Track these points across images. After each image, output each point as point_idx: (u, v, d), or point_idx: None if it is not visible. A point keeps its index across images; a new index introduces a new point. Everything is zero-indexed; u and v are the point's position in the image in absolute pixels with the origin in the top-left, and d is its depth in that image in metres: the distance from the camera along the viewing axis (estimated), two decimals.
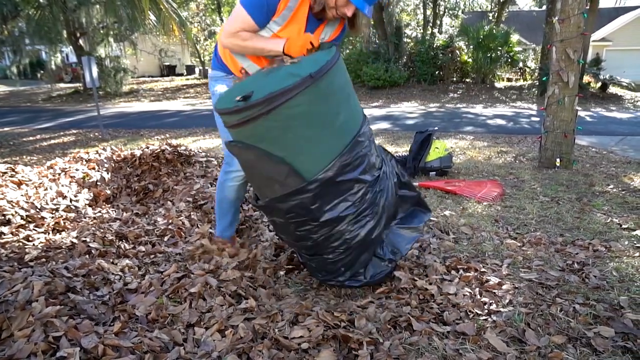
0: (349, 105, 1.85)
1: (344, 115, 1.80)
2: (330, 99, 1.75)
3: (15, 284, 1.79)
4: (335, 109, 1.77)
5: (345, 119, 1.81)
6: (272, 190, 1.84)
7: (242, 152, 1.83)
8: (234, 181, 2.34)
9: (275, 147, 1.73)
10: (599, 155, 5.90)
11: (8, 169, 3.36)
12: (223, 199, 2.41)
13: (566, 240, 2.81)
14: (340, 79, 1.81)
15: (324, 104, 1.72)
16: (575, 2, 4.63)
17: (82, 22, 16.23)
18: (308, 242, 1.94)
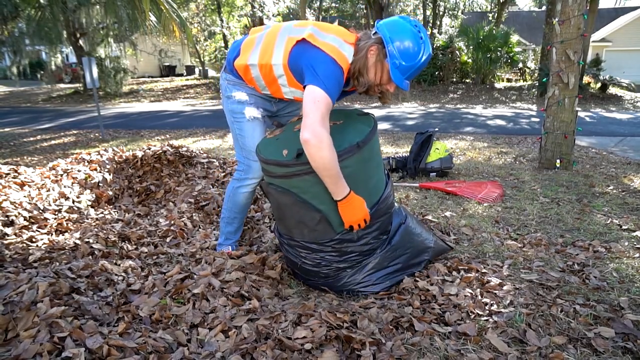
0: (379, 169, 2.11)
1: (376, 178, 2.08)
2: (367, 164, 2.00)
3: (20, 285, 1.80)
4: (371, 172, 2.03)
5: (376, 181, 2.08)
6: (300, 233, 2.06)
7: (279, 195, 1.99)
8: (247, 188, 2.35)
9: (316, 200, 1.94)
10: (599, 156, 5.92)
11: (11, 170, 3.38)
12: (234, 206, 2.41)
13: (566, 241, 2.82)
14: (376, 147, 2.08)
15: (363, 168, 1.97)
16: (576, 3, 4.65)
17: (82, 22, 16.24)
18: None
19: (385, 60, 1.89)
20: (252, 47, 2.08)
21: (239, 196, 2.38)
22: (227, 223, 2.48)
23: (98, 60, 16.36)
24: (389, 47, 1.86)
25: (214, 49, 28.96)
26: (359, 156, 1.92)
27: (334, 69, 1.87)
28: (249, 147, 2.22)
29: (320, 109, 1.78)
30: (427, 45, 1.90)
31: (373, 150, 2.02)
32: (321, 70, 1.85)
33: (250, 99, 2.20)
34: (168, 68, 29.59)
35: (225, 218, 2.48)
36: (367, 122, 2.10)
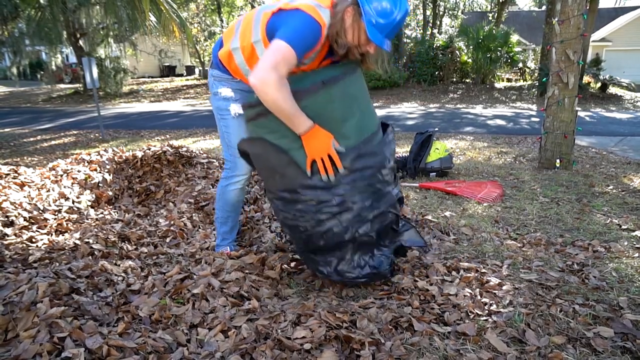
0: (363, 115, 2.02)
1: (353, 122, 1.98)
2: (338, 105, 1.93)
3: (20, 285, 1.80)
4: (344, 114, 1.95)
5: (354, 126, 1.97)
6: (274, 183, 2.04)
7: (251, 145, 2.04)
8: (236, 185, 2.36)
9: (282, 141, 1.94)
10: (599, 156, 5.92)
11: (11, 171, 3.38)
12: (225, 204, 2.42)
13: (566, 241, 2.82)
14: (355, 89, 2.00)
15: (332, 108, 1.92)
16: (575, 3, 4.65)
17: (82, 22, 16.26)
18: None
19: (362, 20, 1.89)
20: (232, 34, 2.10)
21: (229, 194, 2.39)
22: (222, 223, 2.48)
23: (98, 61, 16.38)
24: (364, 7, 1.87)
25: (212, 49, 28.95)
26: (325, 95, 1.89)
27: (309, 23, 1.85)
28: (234, 144, 2.22)
29: (276, 55, 1.77)
30: (402, 2, 1.89)
31: (348, 92, 1.96)
32: (292, 24, 1.85)
33: (235, 95, 2.19)
34: (168, 68, 29.62)
35: (218, 218, 2.49)
36: (343, 66, 2.06)
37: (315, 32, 1.87)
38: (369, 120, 2.05)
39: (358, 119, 1.99)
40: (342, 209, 1.99)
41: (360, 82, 2.06)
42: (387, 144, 2.14)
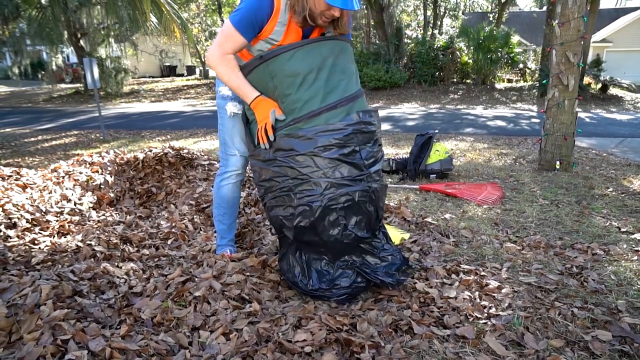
0: (300, 91, 1.96)
1: (293, 98, 1.96)
2: (277, 80, 1.97)
3: (23, 288, 1.82)
4: (282, 91, 1.97)
5: (293, 102, 1.96)
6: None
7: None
8: (229, 180, 2.40)
9: (249, 112, 2.14)
10: (599, 158, 5.93)
11: (13, 172, 3.40)
12: (221, 201, 2.45)
13: (565, 244, 2.84)
14: (296, 67, 1.95)
15: (272, 83, 1.98)
16: (576, 5, 4.66)
17: (83, 22, 16.28)
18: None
19: None
20: None
21: (222, 189, 2.43)
22: (219, 221, 2.51)
23: (99, 61, 16.40)
24: None
25: None
26: (264, 69, 1.98)
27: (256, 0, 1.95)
28: (227, 142, 2.34)
29: (221, 35, 2.00)
30: None
31: (286, 69, 1.95)
32: (241, 5, 1.99)
33: (232, 94, 2.25)
34: (169, 68, 29.64)
35: (216, 216, 2.51)
36: (290, 45, 2.00)
37: (263, 5, 1.94)
38: (312, 100, 1.96)
39: (296, 97, 1.95)
40: (269, 186, 2.07)
41: (311, 57, 1.97)
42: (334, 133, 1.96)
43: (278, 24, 1.97)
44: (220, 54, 1.98)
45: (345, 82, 2.03)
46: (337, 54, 2.02)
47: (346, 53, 2.08)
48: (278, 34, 1.99)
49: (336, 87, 2.00)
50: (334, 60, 2.00)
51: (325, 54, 1.99)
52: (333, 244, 2.03)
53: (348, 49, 2.11)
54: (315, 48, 1.98)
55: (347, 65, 2.07)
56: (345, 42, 2.10)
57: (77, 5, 12.92)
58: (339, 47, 2.04)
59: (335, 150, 1.94)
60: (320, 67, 1.97)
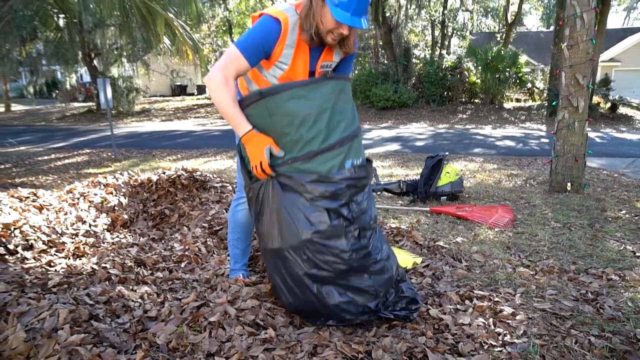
0: (300, 131, 1.94)
1: (288, 139, 1.94)
2: (275, 119, 1.94)
3: (41, 312, 1.84)
4: (282, 129, 1.94)
5: (290, 143, 1.95)
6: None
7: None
8: (244, 205, 2.40)
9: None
10: (611, 179, 5.90)
11: (30, 194, 3.45)
12: (235, 226, 2.46)
13: (579, 269, 2.82)
14: (295, 107, 1.93)
15: (270, 122, 1.95)
16: (584, 28, 4.70)
17: (97, 43, 16.63)
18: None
19: (325, 3, 1.90)
20: None
21: (238, 214, 2.43)
22: (233, 246, 2.52)
23: (111, 80, 16.68)
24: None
25: None
26: (262, 106, 1.94)
27: (263, 23, 1.96)
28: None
29: (225, 58, 1.95)
30: None
31: (285, 107, 1.93)
32: (250, 29, 2.00)
33: None
34: (180, 87, 30.07)
35: (231, 241, 2.52)
36: (291, 83, 2.01)
37: (270, 28, 1.95)
38: (312, 142, 1.95)
39: (297, 138, 1.94)
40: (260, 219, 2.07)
41: (311, 99, 1.96)
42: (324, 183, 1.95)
43: (286, 46, 1.99)
44: (223, 77, 1.92)
45: (345, 123, 2.02)
46: (337, 95, 2.01)
47: (346, 92, 2.07)
48: (287, 56, 2.02)
49: (336, 129, 1.98)
50: (335, 101, 1.99)
51: (326, 96, 1.98)
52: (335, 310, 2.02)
53: (347, 88, 2.10)
54: (316, 89, 1.97)
55: (345, 105, 2.06)
56: (345, 81, 2.10)
57: (92, 26, 13.21)
58: (339, 87, 2.04)
59: (326, 202, 1.95)
60: (321, 109, 1.96)
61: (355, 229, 2.00)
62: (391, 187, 4.86)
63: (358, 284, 2.01)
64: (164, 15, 6.79)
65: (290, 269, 1.99)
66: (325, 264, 1.95)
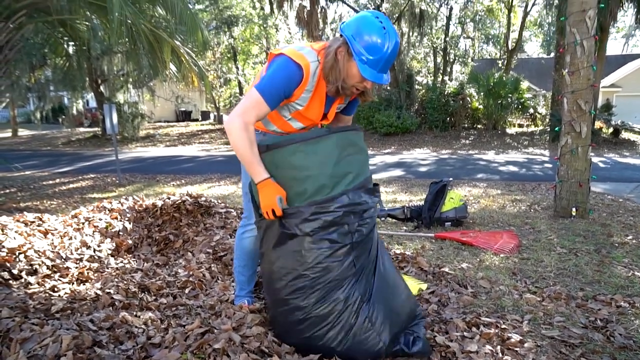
0: (305, 184, 1.96)
1: (292, 192, 1.97)
2: (280, 172, 1.98)
3: (44, 338, 1.83)
4: (284, 182, 1.97)
5: (293, 196, 1.97)
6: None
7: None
8: (251, 232, 2.39)
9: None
10: (616, 204, 5.88)
11: (36, 219, 3.46)
12: (242, 253, 2.46)
13: (587, 295, 2.78)
14: (299, 162, 1.96)
15: (275, 173, 1.97)
16: (584, 55, 4.77)
17: (104, 69, 16.93)
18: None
19: (353, 59, 1.92)
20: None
21: (244, 241, 2.42)
22: (239, 272, 2.51)
23: (117, 106, 16.92)
24: (354, 46, 1.89)
25: (229, 94, 29.81)
26: (269, 158, 1.97)
27: (285, 67, 1.95)
28: (246, 191, 2.29)
29: (245, 103, 1.94)
30: (391, 34, 1.89)
31: (289, 161, 1.97)
32: (269, 71, 1.98)
33: None
34: (184, 113, 30.41)
35: (237, 267, 2.51)
36: (291, 136, 2.07)
37: (292, 74, 1.95)
38: (317, 195, 1.97)
39: (301, 190, 1.97)
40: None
41: (315, 153, 1.97)
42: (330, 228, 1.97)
43: (305, 91, 2.01)
44: (243, 122, 1.90)
45: (353, 174, 2.02)
46: (343, 148, 2.01)
47: (354, 144, 2.06)
48: (304, 100, 2.05)
49: (341, 181, 1.99)
50: (340, 154, 1.99)
51: (330, 149, 1.98)
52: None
53: (356, 139, 2.09)
54: (319, 143, 1.97)
55: (354, 157, 2.05)
56: (352, 132, 2.08)
57: (100, 53, 13.49)
58: (346, 140, 2.03)
59: (325, 233, 1.96)
60: (324, 163, 1.96)
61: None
62: (395, 212, 4.85)
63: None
64: (170, 43, 6.92)
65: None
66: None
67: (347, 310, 1.95)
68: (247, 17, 25.27)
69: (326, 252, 1.95)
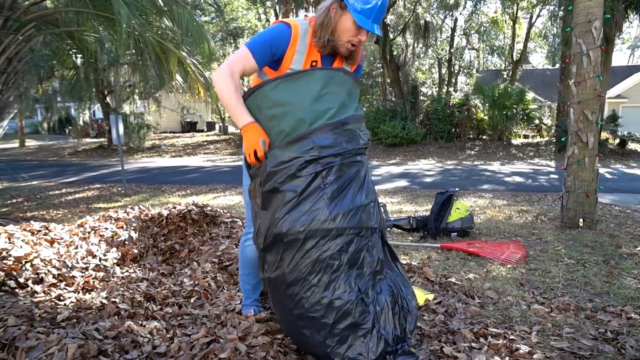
0: (281, 127, 1.95)
1: (274, 132, 1.96)
2: (261, 114, 1.99)
3: (50, 347, 1.82)
4: (266, 124, 1.98)
5: (272, 136, 1.97)
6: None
7: None
8: (252, 241, 2.39)
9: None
10: (623, 215, 5.83)
11: (42, 227, 3.48)
12: (245, 261, 2.45)
13: (596, 306, 2.75)
14: (278, 96, 1.96)
15: (257, 115, 1.99)
16: (591, 65, 4.76)
17: (111, 81, 17.11)
18: None
19: (347, 11, 1.98)
20: None
21: (246, 250, 2.42)
22: (244, 281, 2.50)
23: (123, 117, 17.05)
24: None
25: None
26: (252, 101, 1.99)
27: (275, 27, 2.05)
28: (248, 200, 2.29)
29: (234, 55, 2.02)
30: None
31: (270, 98, 1.96)
32: (261, 32, 2.08)
33: None
34: (189, 124, 30.58)
35: (241, 276, 2.51)
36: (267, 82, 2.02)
37: (280, 30, 2.04)
38: (294, 131, 1.94)
39: (279, 129, 1.95)
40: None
41: (296, 88, 1.97)
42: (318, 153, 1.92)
43: (297, 52, 2.06)
44: (228, 70, 1.97)
45: (334, 110, 1.98)
46: (325, 84, 1.98)
47: (337, 82, 2.03)
48: (298, 62, 2.07)
49: (322, 116, 1.95)
50: (321, 90, 1.97)
51: (312, 84, 1.97)
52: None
53: (339, 77, 2.05)
54: (300, 78, 1.99)
55: (338, 96, 2.02)
56: (342, 72, 2.07)
57: (107, 65, 13.64)
58: (329, 77, 2.01)
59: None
60: (305, 97, 1.95)
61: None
62: (401, 223, 4.83)
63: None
64: (177, 54, 6.97)
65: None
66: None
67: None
68: (253, 28, 25.51)
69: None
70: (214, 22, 23.68)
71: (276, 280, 1.95)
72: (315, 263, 1.87)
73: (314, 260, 1.87)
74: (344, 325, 1.85)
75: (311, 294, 1.87)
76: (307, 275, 1.88)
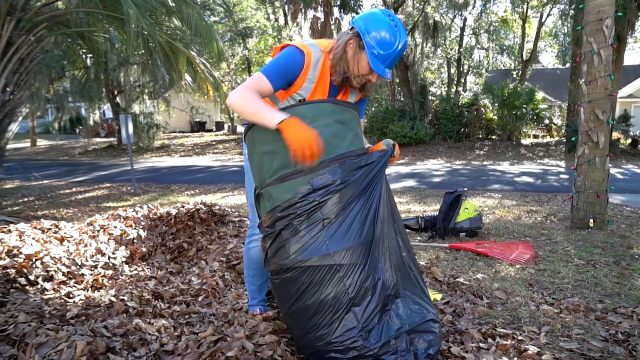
0: (272, 164, 1.95)
1: (263, 170, 1.98)
2: (257, 149, 2.00)
3: (59, 343, 1.84)
4: (259, 159, 2.00)
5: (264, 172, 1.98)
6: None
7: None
8: (256, 242, 2.39)
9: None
10: (635, 215, 5.76)
11: (52, 225, 3.51)
12: (250, 262, 2.45)
13: (607, 307, 2.72)
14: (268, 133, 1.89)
15: (252, 152, 2.04)
16: (602, 64, 4.71)
17: (121, 81, 17.24)
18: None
19: (364, 52, 1.96)
20: None
21: (251, 251, 2.42)
22: (249, 282, 2.50)
23: (133, 116, 17.18)
24: (365, 39, 1.94)
25: None
26: (250, 137, 2.01)
27: (289, 53, 2.02)
28: (251, 201, 2.30)
29: (249, 81, 1.97)
30: (401, 33, 1.95)
31: (263, 134, 1.92)
32: (275, 57, 2.05)
33: None
34: (198, 124, 30.74)
35: (246, 277, 2.51)
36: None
37: (294, 56, 2.00)
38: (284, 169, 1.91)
39: (269, 168, 1.95)
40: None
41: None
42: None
43: (307, 80, 2.04)
44: (244, 88, 1.91)
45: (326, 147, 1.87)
46: (313, 119, 1.90)
47: (326, 116, 1.96)
48: (306, 90, 2.06)
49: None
50: (310, 124, 1.85)
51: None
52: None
53: (331, 110, 1.99)
54: (295, 111, 1.90)
55: (326, 127, 1.93)
56: (330, 103, 2.02)
57: (116, 65, 13.74)
58: (317, 110, 1.95)
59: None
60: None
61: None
62: (409, 223, 4.82)
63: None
64: (186, 53, 7.01)
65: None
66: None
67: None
68: (262, 28, 25.60)
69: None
70: (223, 22, 23.77)
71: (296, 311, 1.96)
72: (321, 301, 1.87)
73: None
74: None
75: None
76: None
